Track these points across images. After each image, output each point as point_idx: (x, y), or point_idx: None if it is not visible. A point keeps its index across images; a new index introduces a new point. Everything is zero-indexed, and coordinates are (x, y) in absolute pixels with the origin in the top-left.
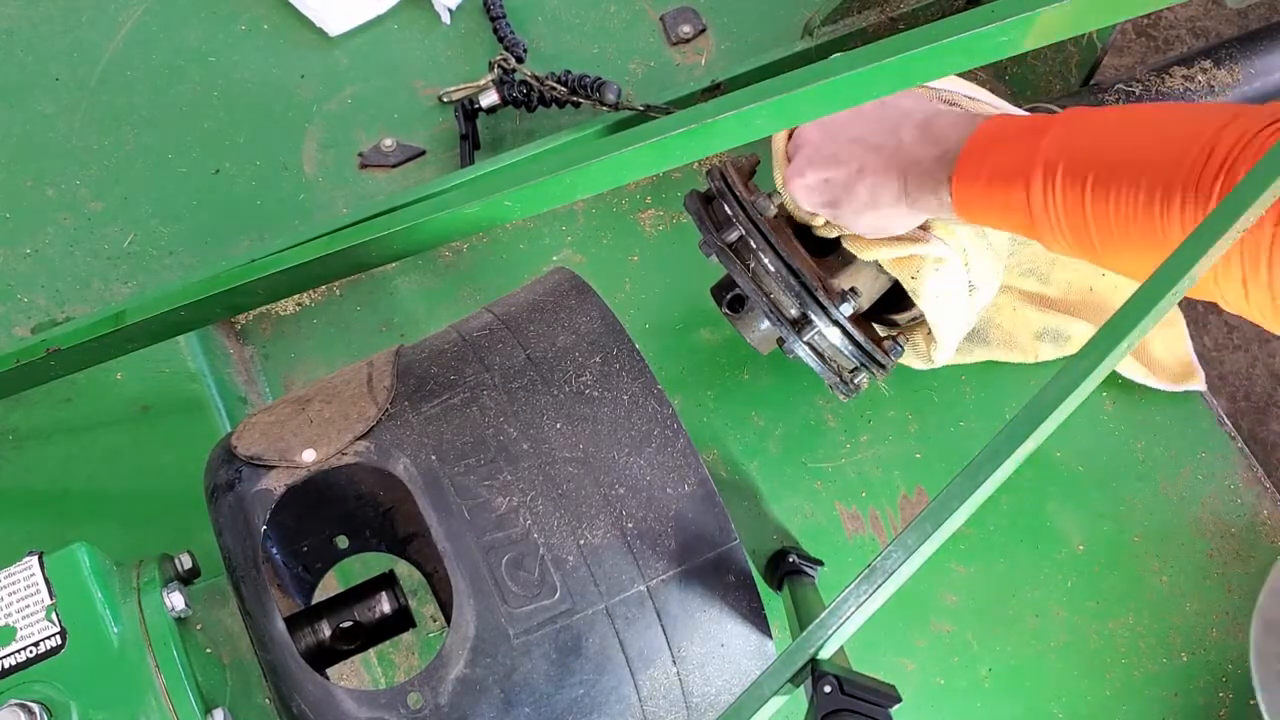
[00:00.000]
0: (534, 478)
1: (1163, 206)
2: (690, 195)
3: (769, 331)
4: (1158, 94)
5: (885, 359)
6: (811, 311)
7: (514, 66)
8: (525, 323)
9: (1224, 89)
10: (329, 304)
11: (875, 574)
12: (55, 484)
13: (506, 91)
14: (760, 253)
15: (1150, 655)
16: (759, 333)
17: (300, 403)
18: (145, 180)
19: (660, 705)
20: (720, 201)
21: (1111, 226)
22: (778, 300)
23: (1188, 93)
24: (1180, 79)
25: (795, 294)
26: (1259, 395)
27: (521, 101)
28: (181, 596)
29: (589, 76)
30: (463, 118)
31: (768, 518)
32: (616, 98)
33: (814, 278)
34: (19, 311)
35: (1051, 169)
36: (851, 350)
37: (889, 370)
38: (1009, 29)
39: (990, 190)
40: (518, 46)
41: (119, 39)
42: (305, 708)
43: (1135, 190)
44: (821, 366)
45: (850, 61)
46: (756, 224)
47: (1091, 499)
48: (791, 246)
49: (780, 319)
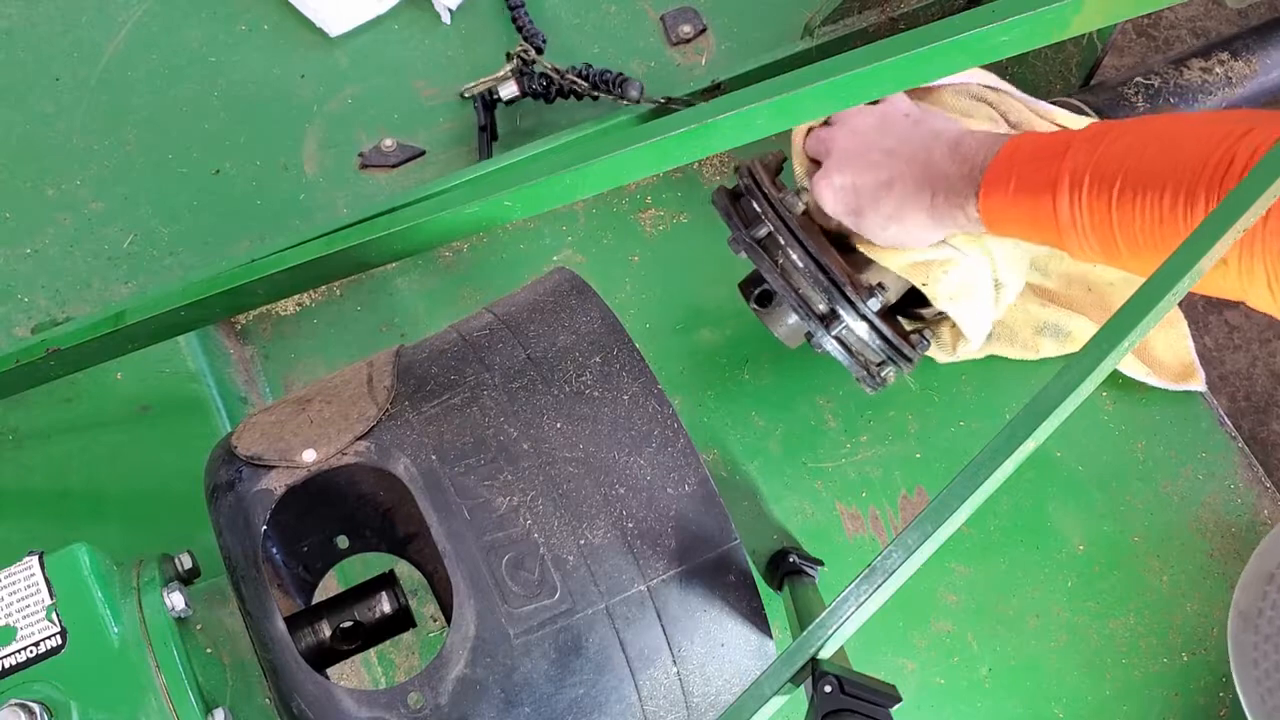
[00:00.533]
0: (534, 478)
1: (1186, 210)
2: (718, 192)
3: (797, 326)
4: (1176, 86)
5: (912, 353)
6: (840, 307)
7: (534, 58)
8: (525, 323)
9: (1241, 80)
10: (329, 304)
11: (875, 574)
12: (55, 484)
13: (525, 83)
14: (789, 249)
15: (1150, 655)
16: (787, 327)
17: (300, 403)
18: (145, 180)
19: (660, 705)
20: (748, 199)
21: (1137, 232)
22: (806, 295)
23: (1206, 85)
24: (1198, 71)
25: (823, 289)
26: (1259, 395)
27: (540, 94)
28: (181, 596)
29: (610, 72)
30: (482, 109)
31: (768, 518)
32: (639, 95)
33: (842, 273)
34: (19, 311)
35: (1078, 180)
36: (879, 345)
37: (915, 364)
38: (1009, 29)
39: (1018, 201)
40: (537, 37)
41: (119, 39)
42: (305, 707)
43: (1160, 196)
44: (849, 360)
45: (850, 61)
46: (785, 220)
47: (1091, 499)
48: (820, 243)
49: (809, 314)
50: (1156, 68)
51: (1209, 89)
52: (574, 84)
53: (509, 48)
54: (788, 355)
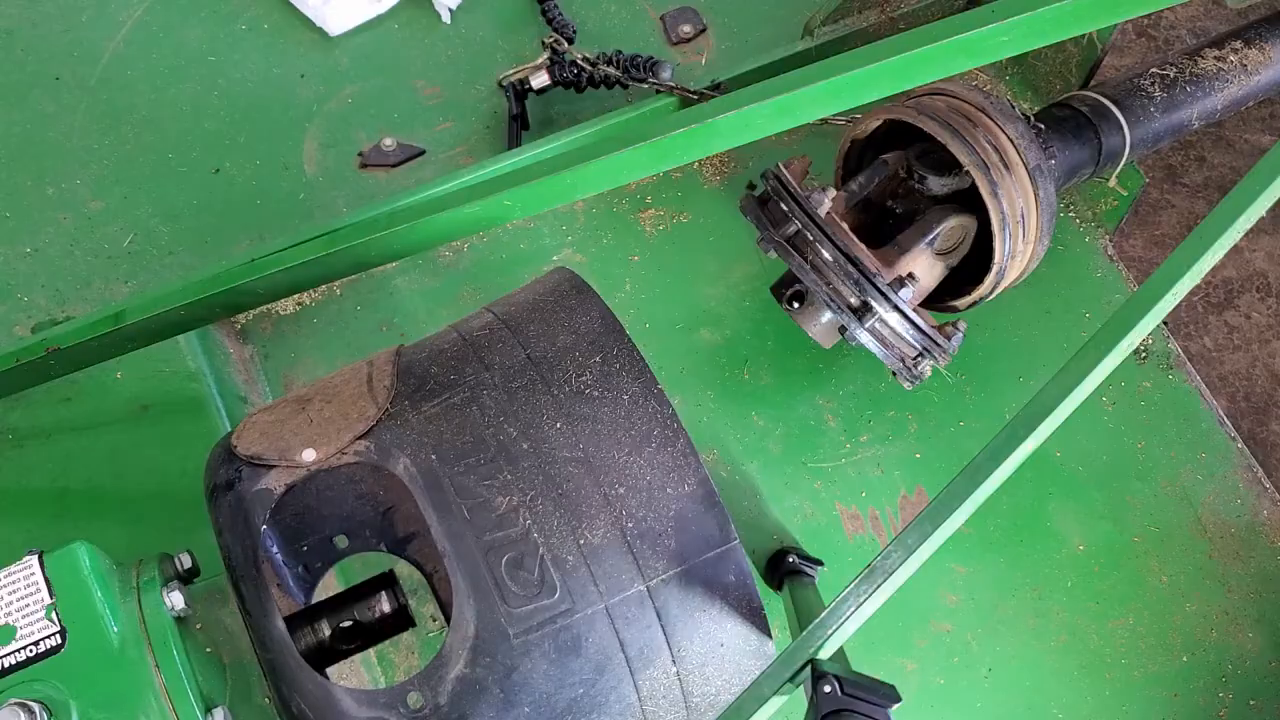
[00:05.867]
0: (534, 477)
1: None
2: (745, 197)
3: (831, 322)
4: (1192, 75)
5: (946, 343)
6: (871, 298)
7: (565, 48)
8: (525, 322)
9: (1258, 67)
10: (329, 304)
11: (875, 574)
12: (55, 484)
13: (556, 72)
14: (818, 244)
15: (1150, 655)
16: (821, 325)
17: (300, 402)
18: (145, 180)
19: (660, 705)
20: (775, 200)
21: None
22: (837, 289)
23: (1221, 73)
24: (1213, 60)
25: (854, 281)
26: (1259, 395)
27: (571, 82)
28: (181, 596)
29: (640, 56)
30: (514, 98)
31: (768, 518)
32: (671, 76)
33: (872, 265)
34: (19, 311)
35: None
36: (913, 335)
37: (950, 355)
38: (1009, 29)
39: None
40: (567, 28)
41: (119, 39)
42: (305, 707)
43: None
44: (885, 353)
45: (850, 61)
46: (812, 217)
47: (1091, 499)
48: (848, 238)
49: (841, 307)
50: (1171, 58)
51: (1225, 76)
52: (605, 71)
53: (510, 47)
54: (788, 355)
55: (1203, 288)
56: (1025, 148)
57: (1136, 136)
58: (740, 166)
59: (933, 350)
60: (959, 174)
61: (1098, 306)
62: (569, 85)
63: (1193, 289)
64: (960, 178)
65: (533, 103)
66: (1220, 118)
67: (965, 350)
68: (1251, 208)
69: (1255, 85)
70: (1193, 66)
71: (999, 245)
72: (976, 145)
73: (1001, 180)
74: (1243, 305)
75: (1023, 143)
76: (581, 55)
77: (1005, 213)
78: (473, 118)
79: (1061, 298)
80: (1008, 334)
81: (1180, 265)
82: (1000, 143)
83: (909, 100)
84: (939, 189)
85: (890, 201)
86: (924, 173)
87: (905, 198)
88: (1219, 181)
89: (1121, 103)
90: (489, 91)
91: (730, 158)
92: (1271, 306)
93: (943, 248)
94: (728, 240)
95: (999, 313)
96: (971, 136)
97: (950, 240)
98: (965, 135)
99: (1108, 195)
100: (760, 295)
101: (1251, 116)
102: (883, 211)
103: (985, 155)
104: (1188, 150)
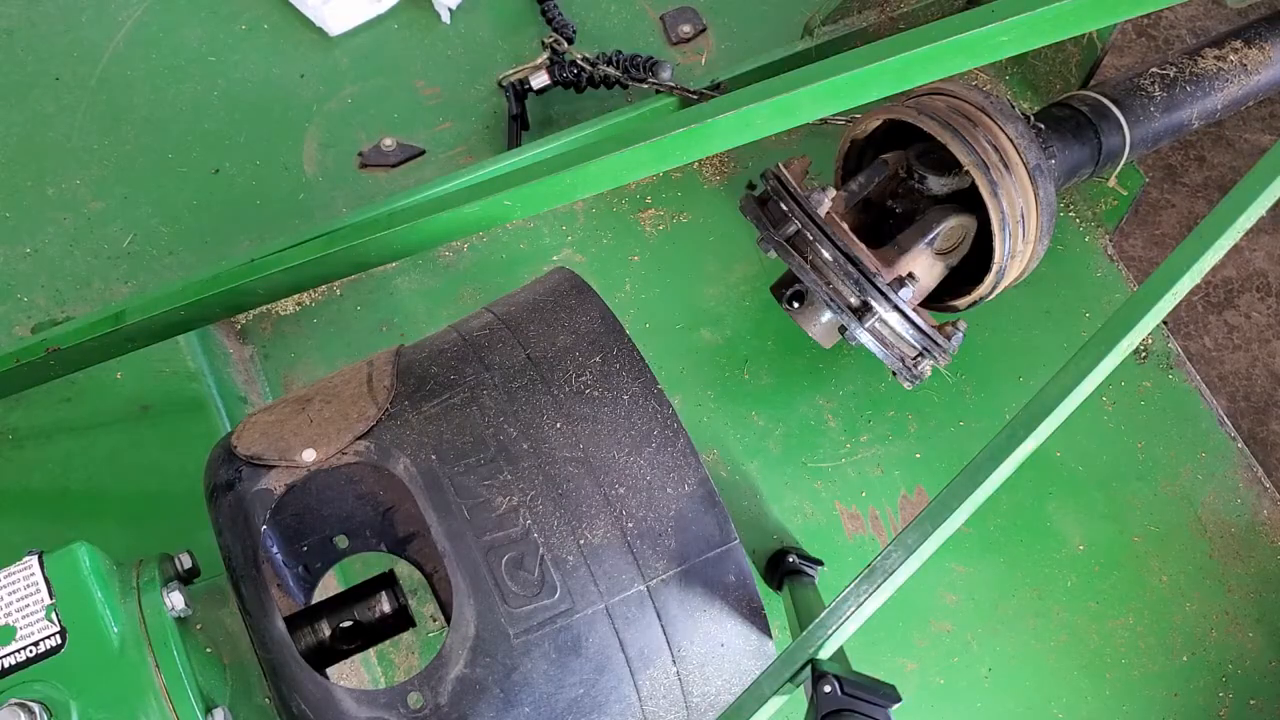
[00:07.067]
0: (534, 477)
1: None
2: (745, 198)
3: (831, 322)
4: (1192, 75)
5: (946, 343)
6: (871, 297)
7: (565, 48)
8: (525, 322)
9: (1257, 67)
10: (329, 304)
11: (875, 574)
12: (55, 484)
13: (556, 72)
14: (818, 244)
15: (1150, 655)
16: (821, 325)
17: (300, 402)
18: (145, 180)
19: (660, 705)
20: (775, 200)
21: None
22: (837, 289)
23: (1221, 72)
24: (1213, 60)
25: (854, 281)
26: (1259, 395)
27: (571, 83)
28: (181, 596)
29: (640, 56)
30: (514, 98)
31: (768, 518)
32: (671, 76)
33: (871, 265)
34: (19, 311)
35: None
36: (913, 334)
37: (950, 355)
38: (1009, 29)
39: None
40: (567, 28)
41: (119, 39)
42: (305, 707)
43: None
44: (885, 353)
45: (850, 61)
46: (812, 217)
47: (1091, 499)
48: (848, 238)
49: (841, 307)
50: (1171, 58)
51: (1225, 76)
52: (605, 71)
53: (510, 47)
54: (788, 355)
55: (1203, 287)
56: (1025, 147)
57: (1136, 136)
58: (740, 166)
59: (933, 350)
60: (959, 174)
61: (1098, 306)
62: (569, 85)
63: (1193, 289)
64: (960, 178)
65: (532, 103)
66: (1220, 117)
67: (965, 350)
68: (1251, 207)
69: (1255, 85)
70: (1193, 66)
71: (999, 245)
72: (976, 145)
73: (1001, 180)
74: (1243, 305)
75: (1023, 142)
76: (581, 55)
77: (1005, 213)
78: (473, 118)
79: (1061, 298)
80: (1008, 334)
81: (1180, 265)
82: (1000, 143)
83: (909, 100)
84: (939, 189)
85: (890, 201)
86: (924, 172)
87: (905, 197)
88: (1219, 181)
89: (1121, 102)
90: (489, 91)
91: (730, 158)
92: (1271, 306)
93: (943, 247)
94: (728, 240)
95: (999, 313)
96: (971, 136)
97: (950, 240)
98: (965, 135)
99: (1108, 195)
100: (760, 295)
101: (1251, 116)
102: (883, 211)
103: (985, 155)
104: (1188, 150)
